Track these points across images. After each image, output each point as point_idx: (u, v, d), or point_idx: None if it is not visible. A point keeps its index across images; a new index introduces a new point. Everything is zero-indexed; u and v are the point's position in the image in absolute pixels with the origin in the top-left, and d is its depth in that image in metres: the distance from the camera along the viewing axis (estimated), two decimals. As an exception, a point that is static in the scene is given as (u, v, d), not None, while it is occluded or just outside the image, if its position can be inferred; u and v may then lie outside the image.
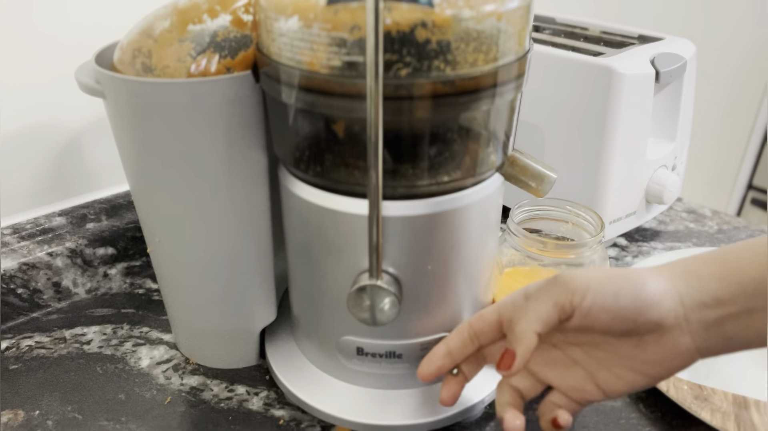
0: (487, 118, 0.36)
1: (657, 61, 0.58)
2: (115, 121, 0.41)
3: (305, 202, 0.39)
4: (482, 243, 0.41)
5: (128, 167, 0.43)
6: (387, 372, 0.43)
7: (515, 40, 0.35)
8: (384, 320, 0.38)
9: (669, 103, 0.63)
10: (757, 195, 1.77)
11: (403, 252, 0.38)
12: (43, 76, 0.55)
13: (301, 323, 0.46)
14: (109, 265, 0.59)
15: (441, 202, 0.37)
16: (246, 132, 0.40)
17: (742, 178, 1.77)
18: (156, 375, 0.49)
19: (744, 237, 0.67)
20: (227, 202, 0.42)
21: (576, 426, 0.44)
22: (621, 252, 0.64)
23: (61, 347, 0.52)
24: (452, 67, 0.33)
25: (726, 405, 0.44)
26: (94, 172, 0.61)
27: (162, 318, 0.55)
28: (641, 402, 0.46)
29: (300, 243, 0.41)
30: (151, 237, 0.45)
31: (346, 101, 0.33)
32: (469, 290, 0.42)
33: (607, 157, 0.58)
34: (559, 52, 0.60)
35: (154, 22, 0.39)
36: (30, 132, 0.56)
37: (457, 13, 0.32)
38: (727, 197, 1.81)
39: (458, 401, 0.43)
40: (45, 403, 0.46)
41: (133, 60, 0.39)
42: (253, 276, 0.45)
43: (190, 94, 0.37)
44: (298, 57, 0.34)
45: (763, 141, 1.71)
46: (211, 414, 0.45)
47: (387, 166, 0.35)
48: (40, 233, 0.56)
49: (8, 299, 0.54)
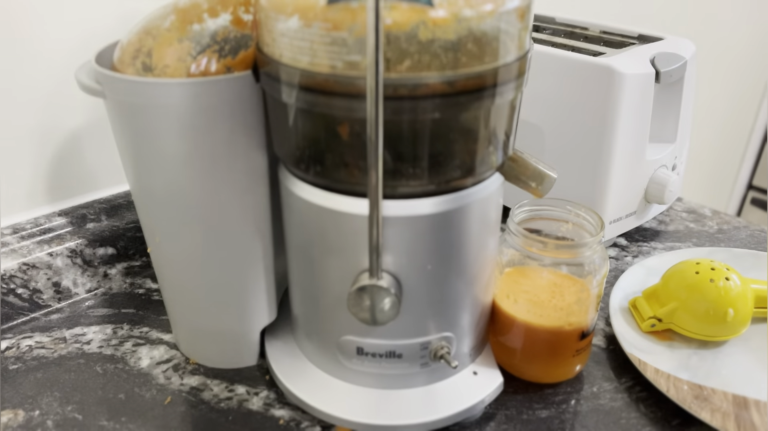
0: (488, 117, 0.36)
1: (657, 60, 0.58)
2: (115, 121, 0.41)
3: (305, 202, 0.39)
4: (482, 243, 0.41)
5: (128, 167, 0.43)
6: (387, 372, 0.43)
7: (515, 39, 0.35)
8: (384, 320, 0.38)
9: (669, 103, 0.63)
10: (757, 195, 1.77)
11: (403, 252, 0.38)
12: (43, 76, 0.55)
13: (301, 323, 0.46)
14: (109, 265, 0.59)
15: (441, 201, 0.37)
16: (246, 132, 0.40)
17: (742, 178, 1.77)
18: (156, 375, 0.49)
19: (744, 237, 0.67)
20: (227, 202, 0.42)
21: (576, 426, 0.44)
22: (621, 252, 0.64)
23: (61, 347, 0.52)
24: (452, 66, 0.33)
25: (726, 405, 0.44)
26: (94, 172, 0.61)
27: (162, 318, 0.55)
28: (641, 402, 0.46)
29: (300, 243, 0.41)
30: (151, 238, 0.45)
31: (346, 101, 0.33)
32: (469, 290, 0.42)
33: (607, 157, 0.58)
34: (559, 52, 0.60)
35: (154, 22, 0.39)
36: (30, 132, 0.56)
37: (457, 13, 0.32)
38: (727, 197, 1.80)
39: (458, 401, 0.43)
40: (45, 403, 0.46)
41: (134, 60, 0.39)
42: (253, 276, 0.45)
43: (190, 94, 0.37)
44: (298, 57, 0.34)
45: (763, 141, 1.71)
46: (211, 414, 0.45)
47: (387, 165, 0.35)
48: (40, 233, 0.56)
49: (8, 299, 0.54)
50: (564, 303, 0.43)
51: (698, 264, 0.50)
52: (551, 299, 0.44)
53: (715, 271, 0.49)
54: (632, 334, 0.50)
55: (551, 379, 0.47)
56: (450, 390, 0.44)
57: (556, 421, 0.44)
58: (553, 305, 0.44)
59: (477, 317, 0.44)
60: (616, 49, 0.60)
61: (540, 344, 0.45)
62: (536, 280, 0.45)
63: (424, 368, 0.43)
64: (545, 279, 0.45)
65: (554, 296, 0.44)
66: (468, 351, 0.45)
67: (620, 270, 0.60)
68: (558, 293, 0.44)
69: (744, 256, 0.59)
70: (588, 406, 0.45)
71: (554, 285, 0.44)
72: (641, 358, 0.48)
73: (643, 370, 0.46)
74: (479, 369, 0.46)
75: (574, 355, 0.46)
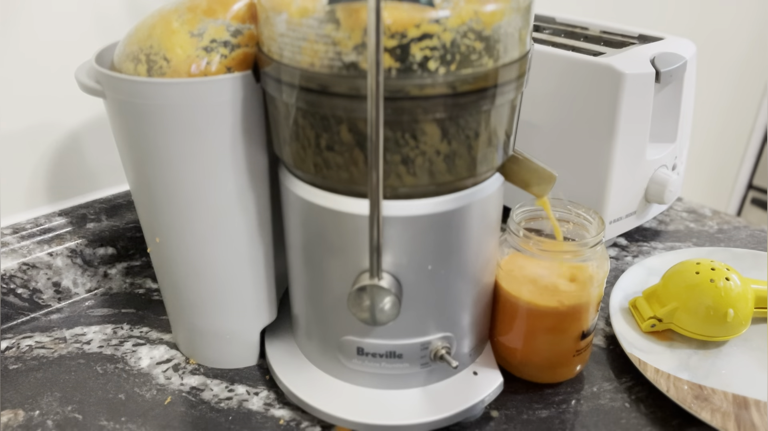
0: (488, 118, 0.36)
1: (657, 60, 0.58)
2: (115, 121, 0.41)
3: (305, 202, 0.39)
4: (482, 243, 0.41)
5: (128, 167, 0.43)
6: (387, 372, 0.43)
7: (516, 40, 0.35)
8: (384, 320, 0.38)
9: (669, 103, 0.63)
10: (757, 195, 1.77)
11: (404, 252, 0.38)
12: (44, 75, 0.55)
13: (301, 323, 0.46)
14: (109, 265, 0.59)
15: (441, 202, 0.37)
16: (246, 132, 0.40)
17: (742, 177, 1.77)
18: (156, 375, 0.49)
19: (744, 237, 0.67)
20: (227, 202, 0.42)
21: (576, 426, 0.44)
22: (621, 251, 0.64)
23: (61, 347, 0.52)
24: (453, 67, 0.33)
25: (726, 405, 0.44)
26: (94, 172, 0.61)
27: (162, 318, 0.55)
28: (641, 402, 0.46)
29: (300, 243, 0.41)
30: (151, 238, 0.45)
31: (346, 101, 0.33)
32: (469, 290, 0.42)
33: (607, 157, 0.58)
34: (559, 51, 0.60)
35: (153, 22, 0.39)
36: (30, 132, 0.56)
37: (457, 13, 0.32)
38: (727, 197, 1.80)
39: (458, 401, 0.43)
40: (45, 403, 0.46)
41: (133, 60, 0.39)
42: (254, 276, 0.45)
43: (190, 94, 0.37)
44: (298, 56, 0.34)
45: (763, 141, 1.71)
46: (211, 414, 0.45)
47: (387, 165, 0.35)
48: (40, 233, 0.56)
49: (8, 299, 0.54)
50: (568, 288, 0.43)
51: (698, 264, 0.50)
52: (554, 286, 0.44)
53: (716, 271, 0.49)
54: (632, 334, 0.51)
55: (551, 379, 0.47)
56: (450, 390, 0.44)
57: (556, 421, 0.44)
58: (553, 288, 0.44)
59: (477, 317, 0.44)
60: (617, 49, 0.60)
61: (540, 343, 0.45)
62: (536, 280, 0.45)
63: (424, 368, 0.43)
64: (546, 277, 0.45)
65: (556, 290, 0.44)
66: (468, 351, 0.45)
67: (620, 270, 0.60)
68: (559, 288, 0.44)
69: (744, 256, 0.59)
70: (588, 406, 0.45)
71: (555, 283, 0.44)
72: (641, 358, 0.48)
73: (643, 370, 0.46)
74: (479, 369, 0.46)
75: (574, 355, 0.46)
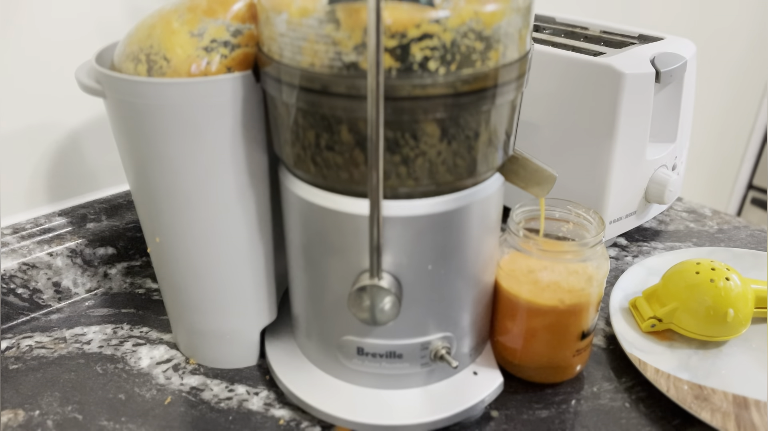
0: (488, 118, 0.36)
1: (657, 60, 0.58)
2: (115, 121, 0.41)
3: (305, 202, 0.39)
4: (482, 243, 0.41)
5: (128, 167, 0.43)
6: (387, 372, 0.43)
7: (516, 40, 0.35)
8: (384, 320, 0.38)
9: (669, 103, 0.63)
10: (757, 195, 1.77)
11: (404, 252, 0.38)
12: (44, 75, 0.55)
13: (301, 323, 0.46)
14: (109, 265, 0.59)
15: (441, 202, 0.37)
16: (246, 132, 0.40)
17: (742, 177, 1.77)
18: (156, 375, 0.49)
19: (744, 237, 0.67)
20: (227, 202, 0.42)
21: (576, 426, 0.44)
22: (621, 251, 0.64)
23: (61, 347, 0.52)
24: (453, 67, 0.33)
25: (726, 405, 0.44)
26: (94, 172, 0.61)
27: (162, 318, 0.55)
28: (641, 402, 0.46)
29: (300, 243, 0.41)
30: (151, 238, 0.45)
31: (346, 101, 0.33)
32: (469, 290, 0.42)
33: (607, 157, 0.58)
34: (559, 51, 0.60)
35: (153, 22, 0.39)
36: (30, 132, 0.56)
37: (457, 13, 0.32)
38: (727, 197, 1.81)
39: (458, 401, 0.43)
40: (45, 403, 0.46)
41: (133, 60, 0.39)
42: (254, 276, 0.45)
43: (190, 94, 0.37)
44: (298, 56, 0.34)
45: (763, 141, 1.71)
46: (211, 414, 0.45)
47: (387, 166, 0.35)
48: (40, 233, 0.56)
49: (8, 299, 0.54)
50: (567, 286, 0.43)
51: (698, 264, 0.50)
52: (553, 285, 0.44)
53: (716, 271, 0.49)
54: (632, 334, 0.50)
55: (551, 379, 0.47)
56: (450, 390, 0.44)
57: (556, 421, 0.44)
58: (554, 286, 0.44)
59: (477, 317, 0.44)
60: (617, 49, 0.60)
61: (540, 343, 0.45)
62: (536, 280, 0.45)
63: (424, 368, 0.43)
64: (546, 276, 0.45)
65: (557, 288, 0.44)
66: (468, 351, 0.45)
67: (620, 270, 0.60)
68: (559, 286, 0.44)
69: (744, 256, 0.59)
70: (588, 406, 0.45)
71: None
72: (641, 358, 0.48)
73: (643, 370, 0.46)
74: (479, 369, 0.46)
75: (574, 355, 0.46)
